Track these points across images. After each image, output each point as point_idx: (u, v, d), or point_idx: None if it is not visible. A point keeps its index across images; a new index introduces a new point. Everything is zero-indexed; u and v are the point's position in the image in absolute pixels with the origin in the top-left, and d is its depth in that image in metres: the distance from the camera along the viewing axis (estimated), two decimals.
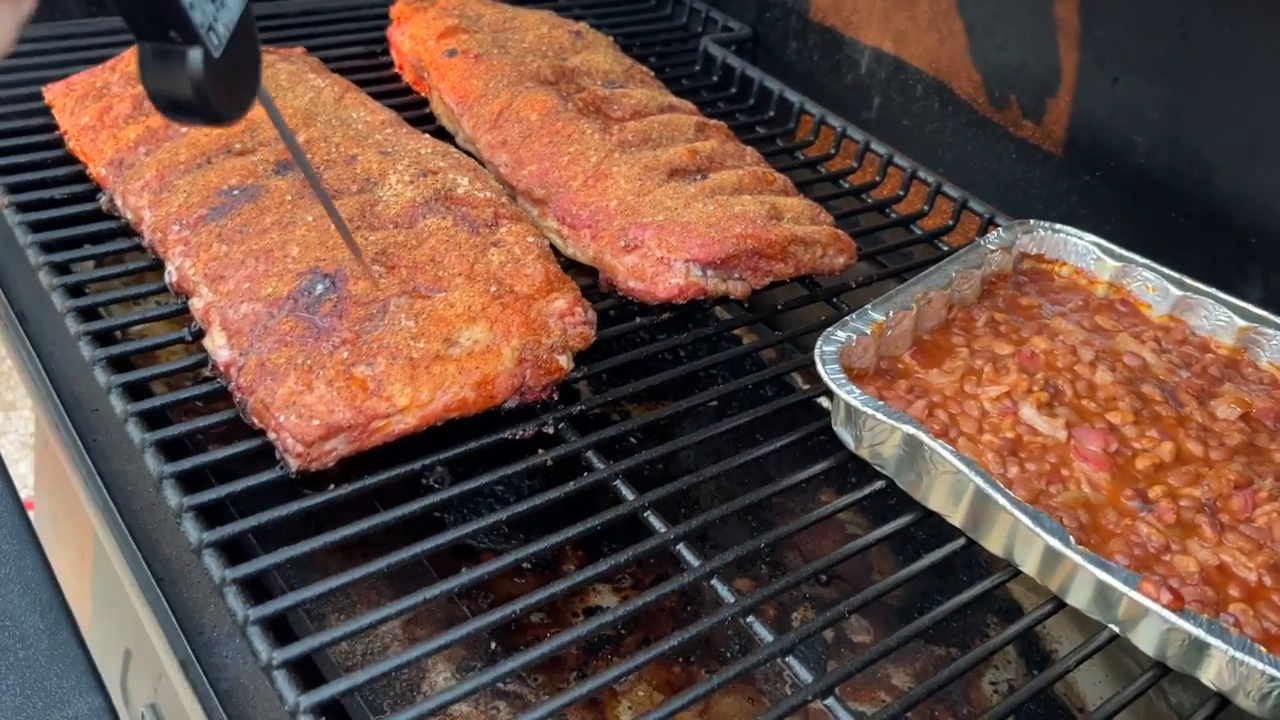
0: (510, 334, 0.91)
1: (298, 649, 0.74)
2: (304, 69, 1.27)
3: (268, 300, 0.91)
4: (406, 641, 0.96)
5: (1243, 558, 0.86)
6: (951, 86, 1.45)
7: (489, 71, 1.29)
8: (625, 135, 1.23)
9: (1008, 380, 1.00)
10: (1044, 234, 1.18)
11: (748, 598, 0.83)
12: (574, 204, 1.15)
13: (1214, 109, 1.17)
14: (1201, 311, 1.11)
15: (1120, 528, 0.88)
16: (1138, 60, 1.22)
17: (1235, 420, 1.00)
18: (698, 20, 1.76)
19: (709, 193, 1.16)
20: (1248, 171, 1.16)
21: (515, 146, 1.22)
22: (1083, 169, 1.32)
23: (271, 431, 0.85)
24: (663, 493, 0.90)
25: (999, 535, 0.87)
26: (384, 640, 0.99)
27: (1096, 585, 0.80)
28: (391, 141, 1.14)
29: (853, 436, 0.95)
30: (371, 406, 0.85)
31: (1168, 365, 1.06)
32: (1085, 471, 0.93)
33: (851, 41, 1.57)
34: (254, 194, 1.02)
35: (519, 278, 0.96)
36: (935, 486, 0.90)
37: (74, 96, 1.20)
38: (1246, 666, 0.74)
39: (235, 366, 0.89)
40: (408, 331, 0.89)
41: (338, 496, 0.85)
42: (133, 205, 1.05)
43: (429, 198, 1.03)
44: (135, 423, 0.89)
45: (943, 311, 1.09)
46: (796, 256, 1.14)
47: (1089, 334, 1.09)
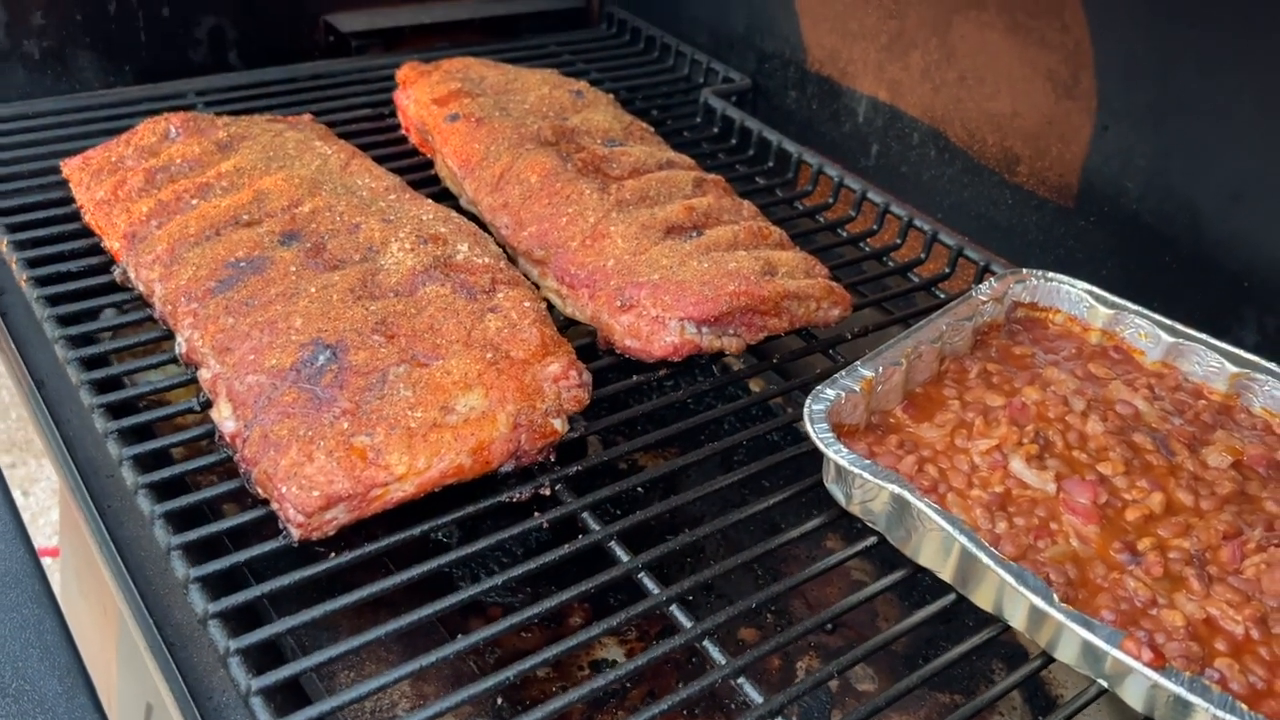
0: (506, 400, 0.94)
1: (302, 717, 0.76)
2: (311, 136, 1.32)
3: (271, 372, 0.94)
4: (415, 699, 0.99)
5: (1230, 610, 0.86)
6: (946, 134, 1.47)
7: (490, 135, 1.33)
8: (623, 194, 1.26)
9: (998, 433, 1.01)
10: (1036, 282, 1.20)
11: (740, 659, 0.84)
12: (572, 264, 1.18)
13: (1198, 155, 1.18)
14: (1194, 358, 1.12)
15: (1108, 581, 0.89)
16: (1124, 109, 1.24)
17: (1226, 469, 1.01)
18: (699, 71, 1.79)
19: (704, 250, 1.18)
20: (1235, 216, 1.17)
21: (516, 208, 1.25)
22: (1077, 214, 1.34)
23: (274, 502, 0.88)
24: (657, 553, 0.92)
25: (987, 592, 0.88)
26: (392, 698, 1.01)
27: (1081, 642, 0.81)
28: (395, 208, 1.18)
29: (843, 494, 0.97)
30: (370, 475, 0.88)
31: (1160, 413, 1.07)
32: (1074, 524, 0.94)
33: (849, 91, 1.59)
34: (260, 266, 1.05)
35: (515, 343, 0.99)
36: (924, 543, 0.91)
37: (89, 171, 1.25)
38: None
39: (240, 438, 0.92)
40: (406, 401, 0.92)
41: (339, 564, 0.87)
42: (144, 278, 1.09)
43: (429, 265, 1.06)
44: (145, 494, 0.92)
45: (934, 364, 1.10)
46: (791, 311, 1.16)
47: (1081, 383, 1.10)
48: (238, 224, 1.12)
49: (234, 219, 1.13)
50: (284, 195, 1.17)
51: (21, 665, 1.01)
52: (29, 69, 1.49)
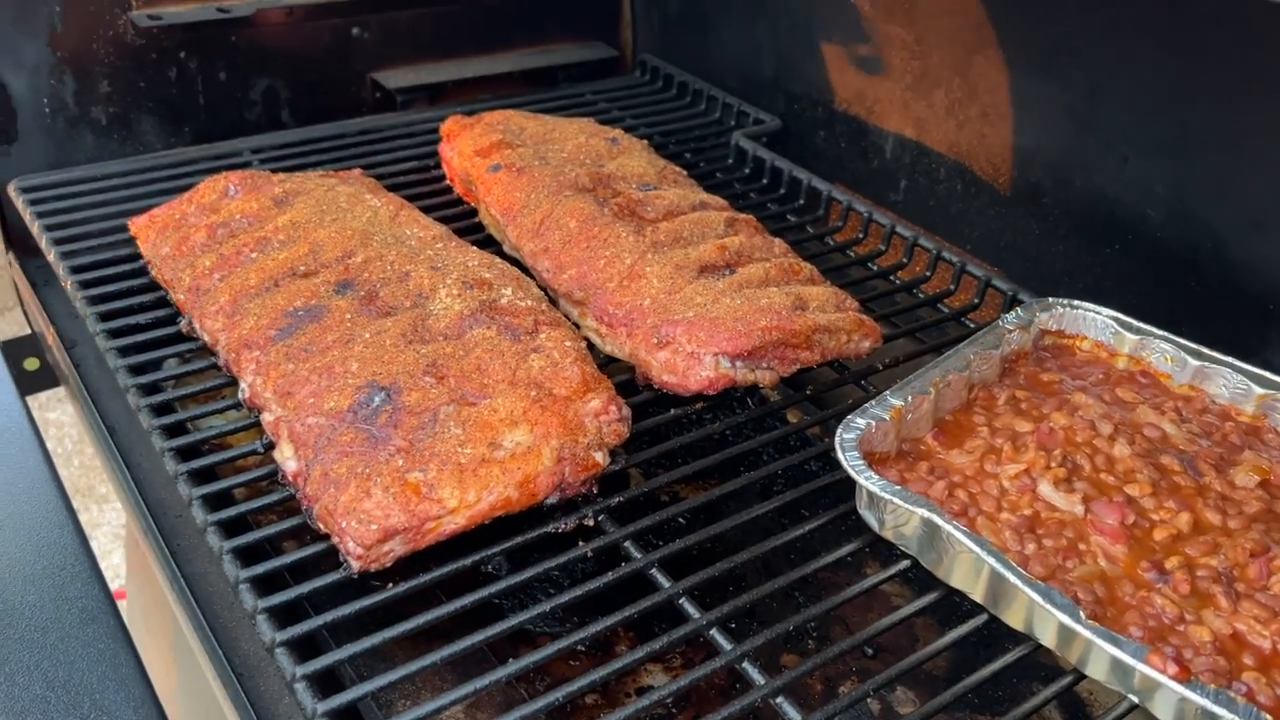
0: (550, 435, 0.99)
1: None
2: (361, 190, 1.39)
3: (330, 414, 1.00)
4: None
5: (1257, 626, 0.89)
6: (972, 168, 1.51)
7: (530, 184, 1.39)
8: (658, 236, 1.32)
9: (1026, 458, 1.05)
10: (1063, 310, 1.23)
11: (779, 679, 0.88)
12: (610, 304, 1.23)
13: (1217, 184, 1.21)
14: (1220, 380, 1.15)
15: (1136, 599, 0.91)
16: (1142, 141, 1.27)
17: (1254, 488, 1.03)
18: (730, 114, 1.85)
19: (736, 287, 1.23)
20: (1256, 241, 1.20)
21: (556, 253, 1.31)
22: (1102, 243, 1.37)
23: (335, 536, 0.93)
24: (697, 579, 0.96)
25: (1018, 611, 0.91)
26: None
27: (1110, 658, 0.84)
28: (441, 256, 1.24)
29: (876, 519, 1.00)
30: (424, 509, 0.93)
31: (1188, 435, 1.10)
32: (1102, 545, 0.96)
33: (876, 129, 1.64)
34: (317, 314, 1.12)
35: (557, 381, 1.04)
36: (956, 566, 0.94)
37: (155, 228, 1.32)
38: None
39: (302, 476, 0.98)
40: (456, 438, 0.97)
41: (396, 594, 0.92)
42: (209, 328, 1.16)
43: (475, 309, 1.12)
44: (214, 531, 0.98)
45: (963, 392, 1.14)
46: (822, 344, 1.20)
47: (1109, 407, 1.13)
48: (295, 275, 1.19)
49: (291, 270, 1.20)
50: (337, 247, 1.23)
51: (99, 697, 1.07)
52: (96, 133, 1.58)
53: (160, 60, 1.59)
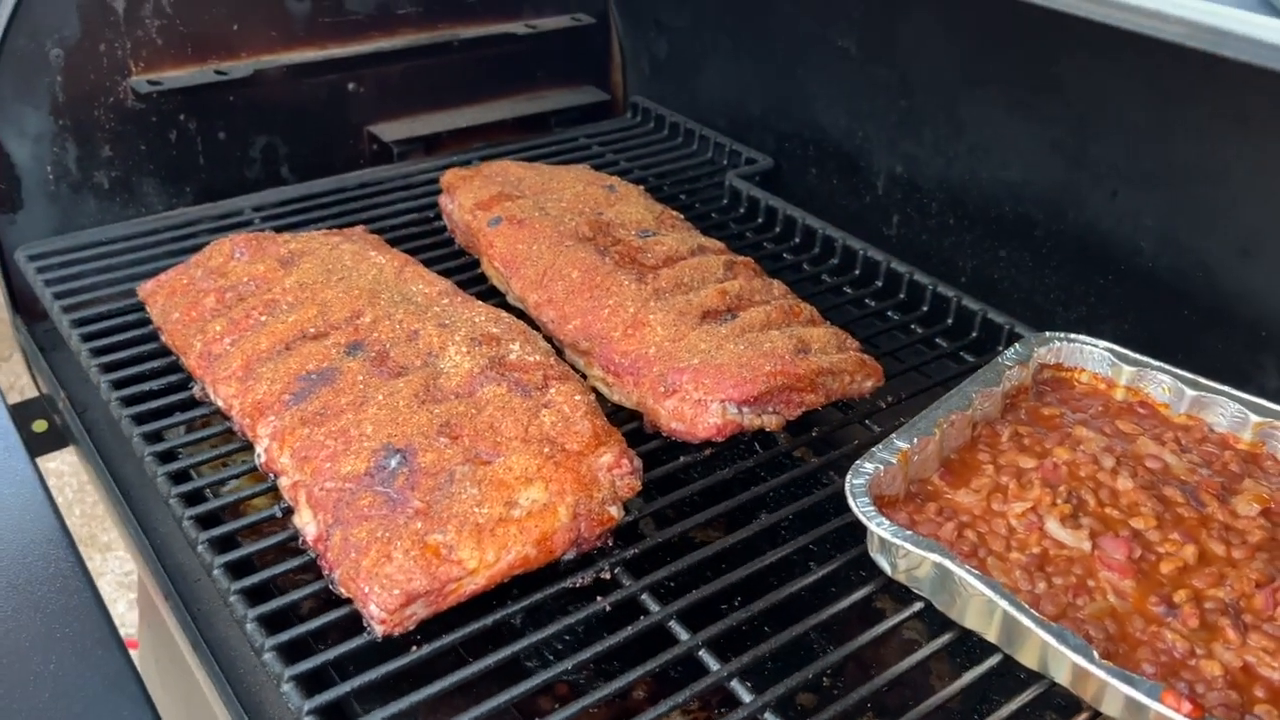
0: (565, 491, 1.01)
1: None
2: (365, 247, 1.41)
3: (347, 478, 1.02)
4: None
5: (1266, 657, 0.90)
6: (964, 203, 1.54)
7: (532, 235, 1.42)
8: (659, 283, 1.34)
9: (1032, 495, 1.07)
10: (1060, 344, 1.25)
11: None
12: (616, 353, 1.25)
13: (1203, 215, 1.24)
14: (1218, 409, 1.17)
15: (1147, 634, 0.93)
16: (1130, 174, 1.30)
17: (1256, 517, 1.05)
18: (722, 154, 1.88)
19: (739, 332, 1.25)
20: (1246, 270, 1.23)
21: (560, 303, 1.33)
22: (1095, 273, 1.40)
23: (358, 601, 0.94)
24: (715, 630, 0.98)
25: (1031, 651, 0.93)
26: None
27: (1124, 698, 0.86)
28: (448, 312, 1.26)
29: (889, 563, 1.02)
30: (445, 571, 0.94)
31: (1188, 465, 1.12)
32: (1111, 580, 0.98)
33: (866, 166, 1.67)
34: (329, 377, 1.13)
35: (569, 436, 1.06)
36: (969, 608, 0.96)
37: (164, 293, 1.34)
38: None
39: (322, 541, 0.99)
40: (473, 498, 0.99)
41: (422, 656, 0.94)
42: (223, 394, 1.18)
43: (485, 366, 1.14)
44: (238, 598, 0.99)
45: (967, 431, 1.16)
46: (826, 386, 1.22)
47: (1110, 440, 1.15)
48: (305, 337, 1.21)
49: (301, 333, 1.21)
50: (345, 307, 1.25)
51: None
52: (99, 197, 1.60)
53: (160, 123, 1.61)
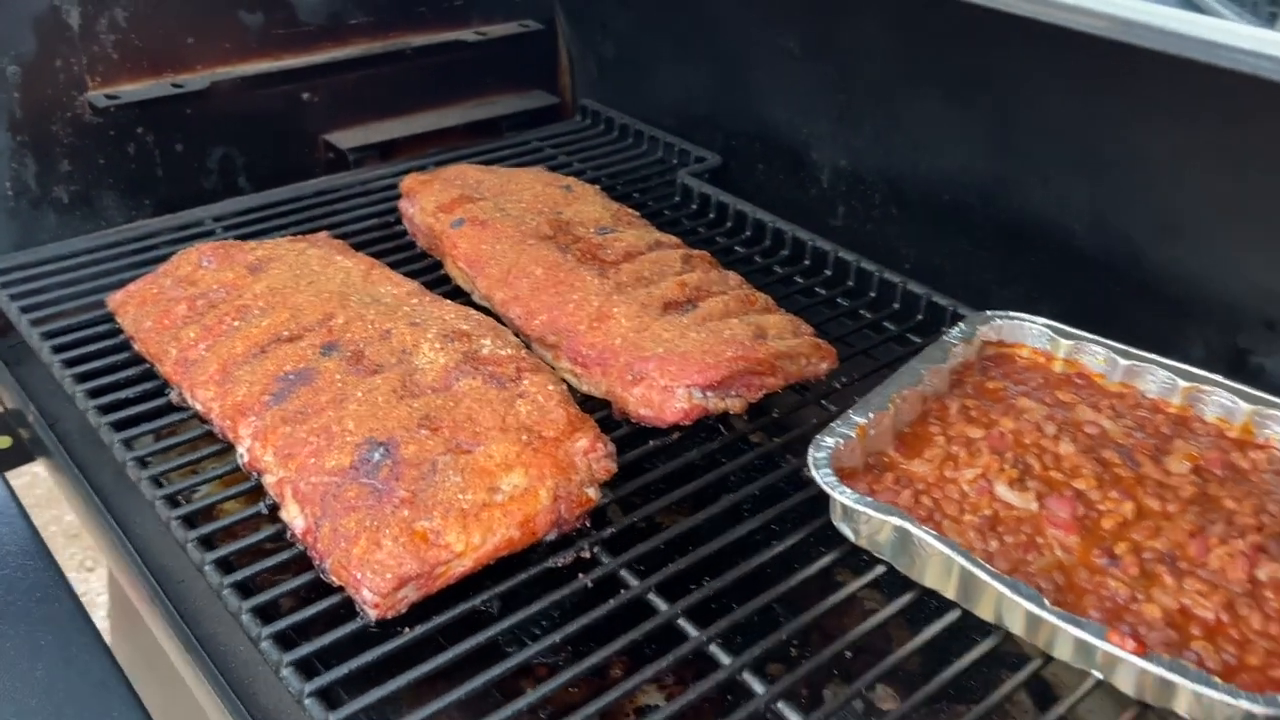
0: (544, 476, 1.06)
1: None
2: (331, 252, 1.44)
3: (333, 472, 1.05)
4: None
5: (1201, 599, 0.98)
6: (904, 192, 1.61)
7: (494, 236, 1.46)
8: (621, 277, 1.39)
9: (981, 462, 1.14)
10: (1001, 322, 1.33)
11: (776, 685, 0.95)
12: (583, 345, 1.30)
13: (1127, 197, 1.33)
14: (1149, 376, 1.25)
15: (1092, 584, 1.01)
16: (1058, 162, 1.38)
17: (1187, 474, 1.13)
18: (672, 153, 1.94)
19: (700, 321, 1.31)
20: (1169, 248, 1.32)
21: (526, 300, 1.37)
22: (1030, 253, 1.48)
23: (350, 588, 0.98)
24: (693, 600, 1.03)
25: (987, 604, 1.00)
26: None
27: (1074, 639, 0.93)
28: (419, 311, 1.30)
29: (851, 530, 1.09)
30: (434, 555, 0.99)
31: (1124, 429, 1.20)
32: (1057, 537, 1.06)
33: (812, 160, 1.74)
34: (308, 377, 1.17)
35: (545, 424, 1.11)
36: (928, 567, 1.03)
37: (134, 303, 1.36)
38: (1209, 698, 0.86)
39: (311, 534, 1.03)
40: (456, 485, 1.03)
41: (412, 639, 0.98)
42: (201, 398, 1.21)
43: (459, 361, 1.18)
44: (230, 593, 1.03)
45: (918, 406, 1.23)
46: (784, 369, 1.29)
47: (1051, 409, 1.23)
48: (280, 340, 1.24)
49: (276, 336, 1.25)
50: (317, 310, 1.29)
51: None
52: (59, 212, 1.61)
53: (118, 137, 1.62)
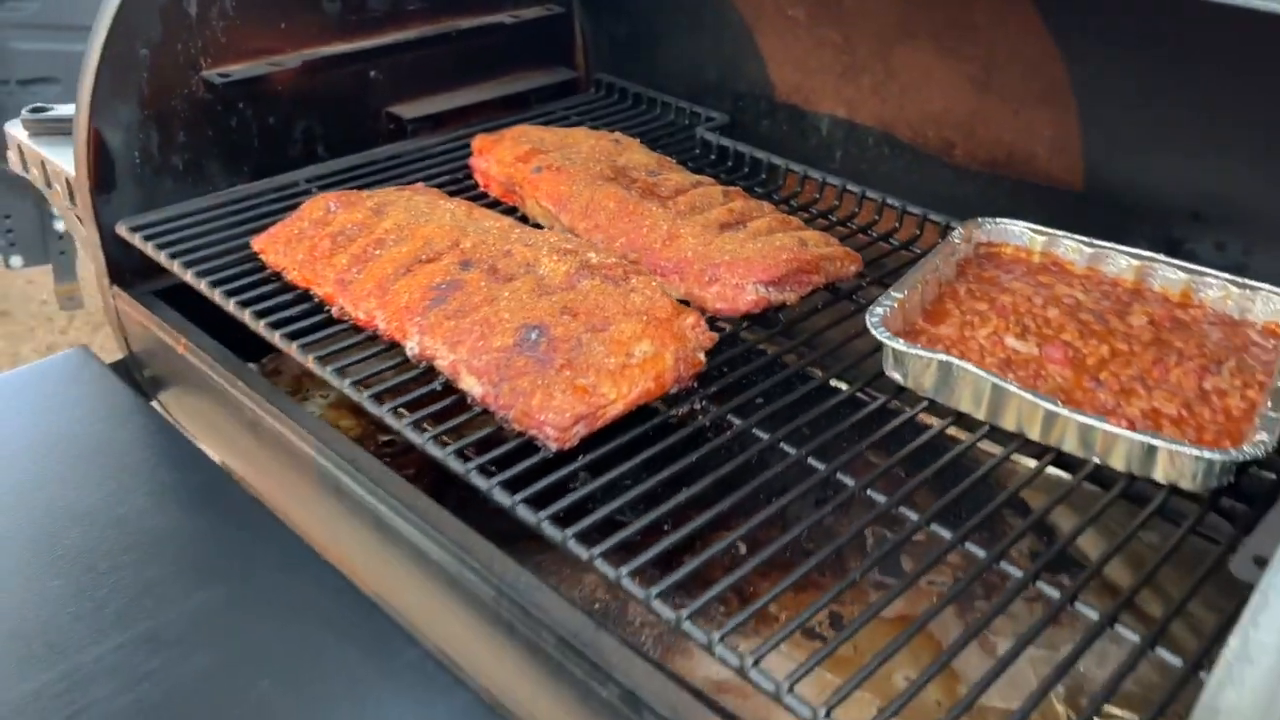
0: (665, 343, 1.35)
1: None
2: (434, 198, 1.71)
3: (500, 350, 1.34)
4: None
5: (1166, 403, 1.32)
6: (895, 135, 1.94)
7: (569, 179, 1.75)
8: (679, 207, 1.70)
9: (991, 324, 1.47)
10: (990, 227, 1.66)
11: (862, 479, 1.27)
12: (661, 259, 1.60)
13: (1086, 124, 1.68)
14: (1108, 261, 1.60)
15: (1086, 399, 1.34)
16: (1026, 95, 1.72)
17: (1145, 325, 1.48)
18: (684, 116, 2.24)
19: (752, 236, 1.62)
20: (1116, 163, 1.67)
21: (606, 227, 1.67)
22: (1004, 179, 1.82)
23: (534, 429, 1.27)
24: (788, 429, 1.34)
25: (1011, 414, 1.33)
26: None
27: (1080, 430, 1.26)
28: (525, 237, 1.58)
29: (901, 374, 1.41)
30: (595, 401, 1.28)
31: (1093, 299, 1.54)
32: (1056, 371, 1.39)
33: (812, 114, 2.06)
34: (456, 285, 1.45)
35: (657, 308, 1.41)
36: (964, 395, 1.35)
37: (279, 243, 1.62)
38: (1181, 456, 1.20)
39: (490, 396, 1.31)
40: (601, 353, 1.32)
41: (585, 463, 1.27)
42: (365, 309, 1.47)
43: (576, 268, 1.47)
44: (431, 442, 1.31)
45: (935, 289, 1.55)
46: (826, 269, 1.60)
47: (1036, 288, 1.56)
48: (420, 261, 1.51)
49: (416, 258, 1.52)
50: (444, 238, 1.56)
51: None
52: (175, 179, 1.85)
53: (224, 111, 1.87)
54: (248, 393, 1.57)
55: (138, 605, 1.41)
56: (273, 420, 1.53)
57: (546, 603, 1.25)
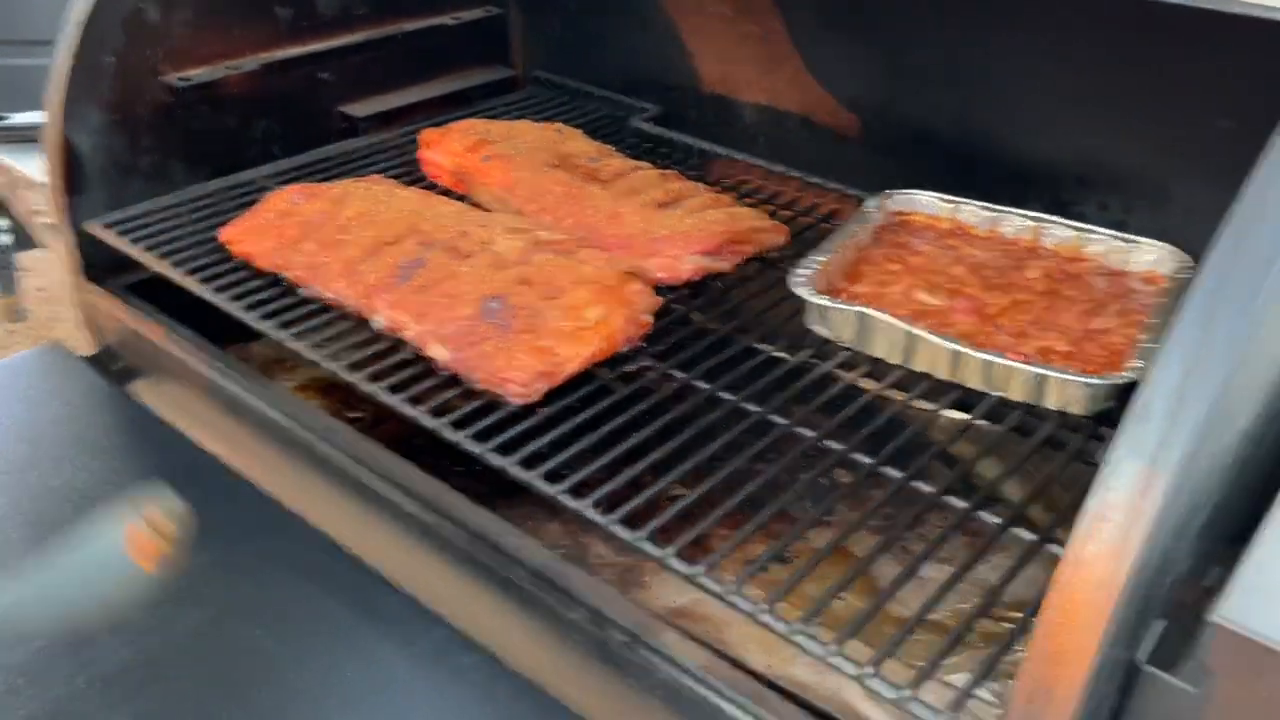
0: (615, 307, 1.50)
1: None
2: (390, 187, 1.84)
3: (464, 319, 1.47)
4: None
5: (1058, 342, 1.51)
6: (814, 120, 2.11)
7: (517, 166, 1.89)
8: (620, 189, 1.85)
9: (904, 282, 1.64)
10: (901, 197, 1.84)
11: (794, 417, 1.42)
12: (606, 236, 1.74)
13: (981, 100, 1.86)
14: (1005, 223, 1.78)
15: (988, 341, 1.51)
16: (927, 77, 1.90)
17: (1039, 278, 1.66)
18: (619, 108, 2.39)
19: (690, 212, 1.77)
20: (1010, 134, 1.86)
21: (553, 209, 1.81)
22: (912, 153, 1.99)
23: (498, 386, 1.41)
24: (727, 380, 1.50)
25: (924, 357, 1.49)
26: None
27: (981, 366, 1.43)
28: (480, 219, 1.72)
29: (824, 328, 1.57)
30: (553, 360, 1.42)
31: (994, 257, 1.72)
32: (962, 319, 1.56)
33: (737, 102, 2.22)
34: (420, 263, 1.58)
35: (606, 277, 1.55)
36: (879, 342, 1.52)
37: (247, 232, 1.73)
38: (1072, 383, 1.38)
39: (458, 360, 1.45)
40: (556, 318, 1.47)
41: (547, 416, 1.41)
42: (335, 289, 1.60)
43: (529, 244, 1.61)
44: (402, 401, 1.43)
45: (853, 253, 1.72)
46: (756, 239, 1.76)
47: (944, 250, 1.74)
48: (384, 244, 1.64)
49: (380, 242, 1.65)
50: (403, 223, 1.69)
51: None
52: (142, 179, 1.95)
53: (186, 114, 1.97)
54: (228, 374, 1.69)
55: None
56: (254, 399, 1.65)
57: (517, 544, 1.39)
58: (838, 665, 1.10)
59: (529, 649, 1.43)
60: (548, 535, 1.69)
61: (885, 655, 1.11)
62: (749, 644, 1.48)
